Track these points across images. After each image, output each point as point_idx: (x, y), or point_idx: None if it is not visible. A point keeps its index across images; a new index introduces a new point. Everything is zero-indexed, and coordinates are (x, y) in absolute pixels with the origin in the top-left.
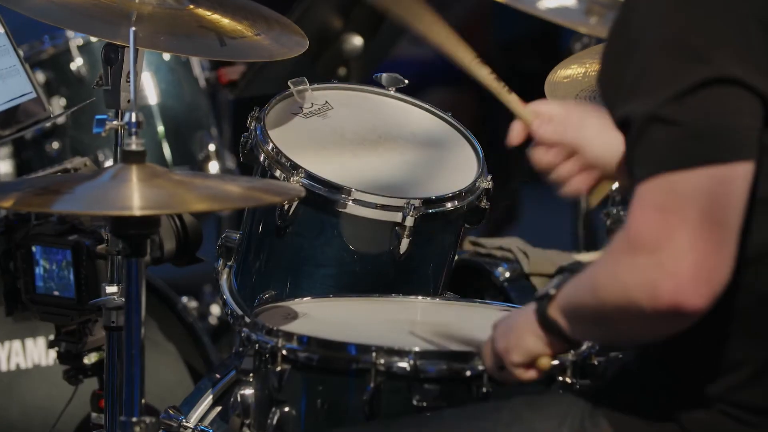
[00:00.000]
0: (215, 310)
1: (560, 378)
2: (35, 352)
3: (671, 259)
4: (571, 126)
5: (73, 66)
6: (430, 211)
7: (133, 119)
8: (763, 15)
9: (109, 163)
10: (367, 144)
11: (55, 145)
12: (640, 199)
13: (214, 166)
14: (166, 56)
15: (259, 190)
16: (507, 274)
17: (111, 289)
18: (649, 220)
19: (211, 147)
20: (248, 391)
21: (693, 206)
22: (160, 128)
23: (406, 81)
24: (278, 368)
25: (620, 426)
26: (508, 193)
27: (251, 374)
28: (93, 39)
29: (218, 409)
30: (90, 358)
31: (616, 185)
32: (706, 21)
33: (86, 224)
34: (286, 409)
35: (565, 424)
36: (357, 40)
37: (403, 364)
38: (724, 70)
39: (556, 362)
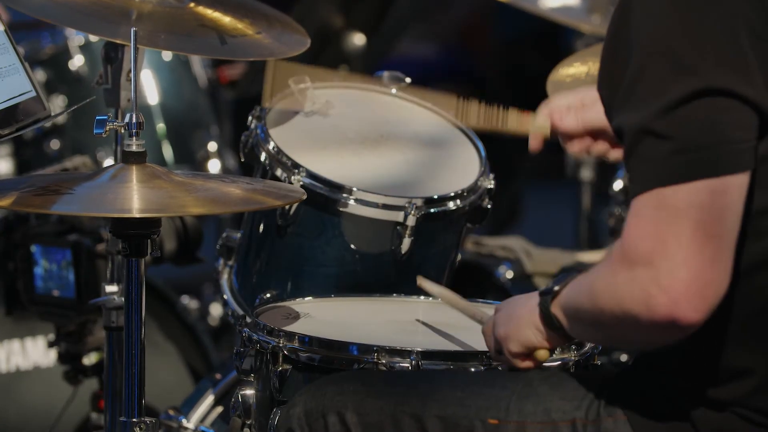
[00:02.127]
0: (215, 310)
1: None
2: (35, 352)
3: (666, 274)
4: (589, 108)
5: (73, 65)
6: (432, 210)
7: (134, 120)
8: (752, 20)
9: (108, 162)
10: (369, 143)
11: (55, 144)
12: (635, 213)
13: (214, 165)
14: (167, 55)
15: (260, 192)
16: (509, 274)
17: (111, 288)
18: (643, 235)
19: (212, 146)
20: (249, 392)
21: (687, 220)
22: (161, 127)
23: (408, 79)
24: (279, 368)
25: (635, 419)
26: (511, 193)
27: (252, 374)
28: (93, 38)
29: (219, 409)
30: (90, 359)
31: (618, 185)
32: (696, 25)
33: (86, 224)
34: None
35: (581, 407)
36: (358, 39)
37: (405, 364)
38: (714, 80)
39: (554, 356)
